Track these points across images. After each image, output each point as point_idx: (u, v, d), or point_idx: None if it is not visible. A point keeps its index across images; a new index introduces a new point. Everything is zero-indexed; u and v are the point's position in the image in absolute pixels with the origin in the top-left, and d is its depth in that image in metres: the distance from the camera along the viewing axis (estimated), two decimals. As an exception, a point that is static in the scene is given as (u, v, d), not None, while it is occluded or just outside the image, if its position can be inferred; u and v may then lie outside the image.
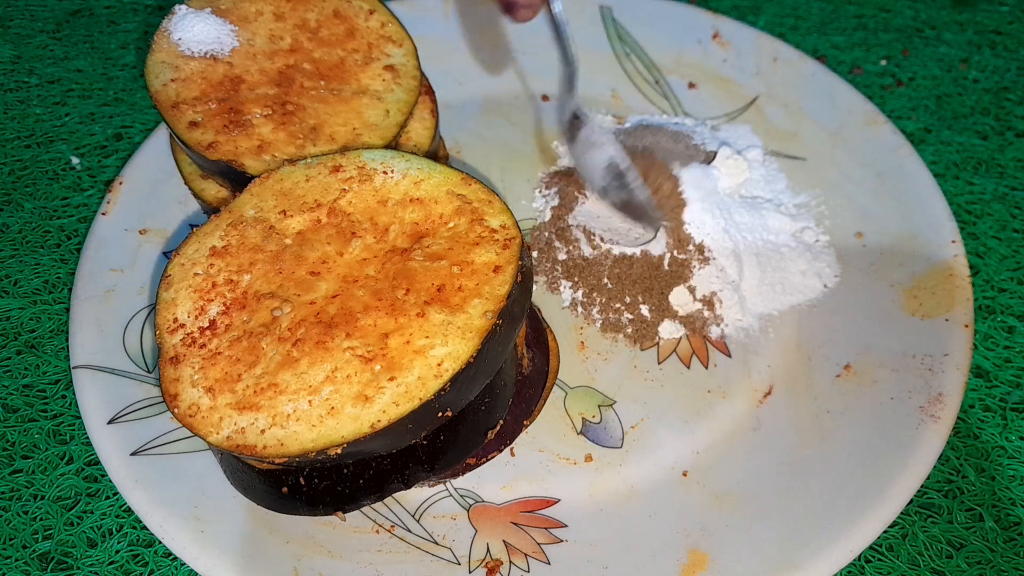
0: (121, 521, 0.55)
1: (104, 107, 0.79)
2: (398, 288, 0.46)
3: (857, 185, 0.69)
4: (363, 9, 0.62)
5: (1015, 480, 0.56)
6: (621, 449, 0.57)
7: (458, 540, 0.53)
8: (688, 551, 0.52)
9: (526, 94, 0.79)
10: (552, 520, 0.54)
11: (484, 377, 0.47)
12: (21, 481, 0.56)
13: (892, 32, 0.86)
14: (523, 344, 0.56)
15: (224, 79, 0.57)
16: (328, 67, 0.59)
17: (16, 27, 0.86)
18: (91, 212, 0.71)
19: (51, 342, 0.63)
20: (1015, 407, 0.60)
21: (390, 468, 0.48)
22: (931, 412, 0.55)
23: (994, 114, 0.78)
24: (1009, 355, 0.62)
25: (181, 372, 0.46)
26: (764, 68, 0.78)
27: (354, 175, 0.52)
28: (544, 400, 0.57)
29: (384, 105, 0.58)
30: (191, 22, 0.58)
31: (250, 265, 0.49)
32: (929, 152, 0.75)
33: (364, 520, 0.53)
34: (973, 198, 0.72)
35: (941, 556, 0.53)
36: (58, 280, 0.67)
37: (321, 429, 0.43)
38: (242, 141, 0.55)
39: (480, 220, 0.49)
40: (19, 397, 0.60)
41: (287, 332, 0.46)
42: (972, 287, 0.61)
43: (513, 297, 0.46)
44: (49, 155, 0.75)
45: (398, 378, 0.43)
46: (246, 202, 0.52)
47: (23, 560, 0.53)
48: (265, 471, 0.48)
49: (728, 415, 0.59)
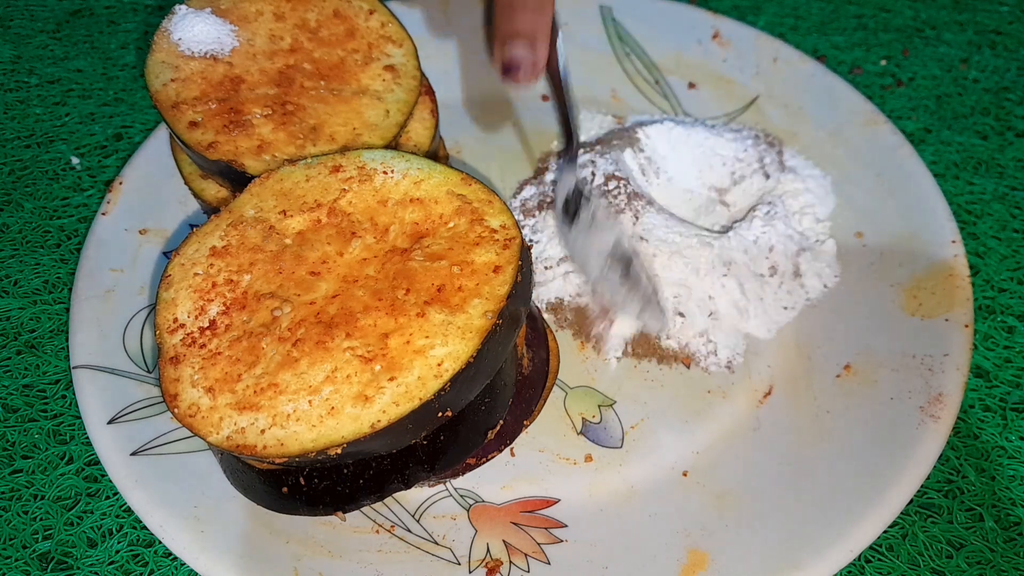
0: (121, 521, 0.55)
1: (104, 107, 0.79)
2: (398, 288, 0.46)
3: (857, 185, 0.69)
4: (363, 9, 0.62)
5: (1015, 480, 0.56)
6: (621, 449, 0.57)
7: (458, 540, 0.53)
8: (688, 551, 0.52)
9: (526, 94, 0.79)
10: (552, 520, 0.54)
11: (484, 377, 0.47)
12: (21, 481, 0.56)
13: (892, 32, 0.86)
14: (523, 344, 0.56)
15: (224, 79, 0.57)
16: (328, 67, 0.59)
17: (16, 27, 0.86)
18: (91, 212, 0.71)
19: (51, 342, 0.63)
20: (1015, 407, 0.60)
21: (390, 468, 0.48)
22: (931, 412, 0.55)
23: (994, 114, 0.78)
24: (1009, 355, 0.62)
25: (181, 372, 0.46)
26: (764, 68, 0.78)
27: (354, 175, 0.52)
28: (544, 400, 0.57)
29: (384, 105, 0.58)
30: (191, 22, 0.58)
31: (250, 265, 0.49)
32: (929, 152, 0.75)
33: (364, 520, 0.53)
34: (973, 198, 0.72)
35: (941, 556, 0.53)
36: (58, 280, 0.67)
37: (321, 429, 0.43)
38: (242, 141, 0.55)
39: (480, 220, 0.49)
40: (19, 397, 0.60)
41: (287, 332, 0.46)
42: (972, 287, 0.61)
43: (513, 297, 0.46)
44: (49, 155, 0.75)
45: (398, 378, 0.43)
46: (246, 202, 0.52)
47: (23, 560, 0.53)
48: (265, 471, 0.48)
49: (728, 415, 0.59)
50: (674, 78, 0.79)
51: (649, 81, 0.79)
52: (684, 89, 0.78)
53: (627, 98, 0.78)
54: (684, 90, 0.78)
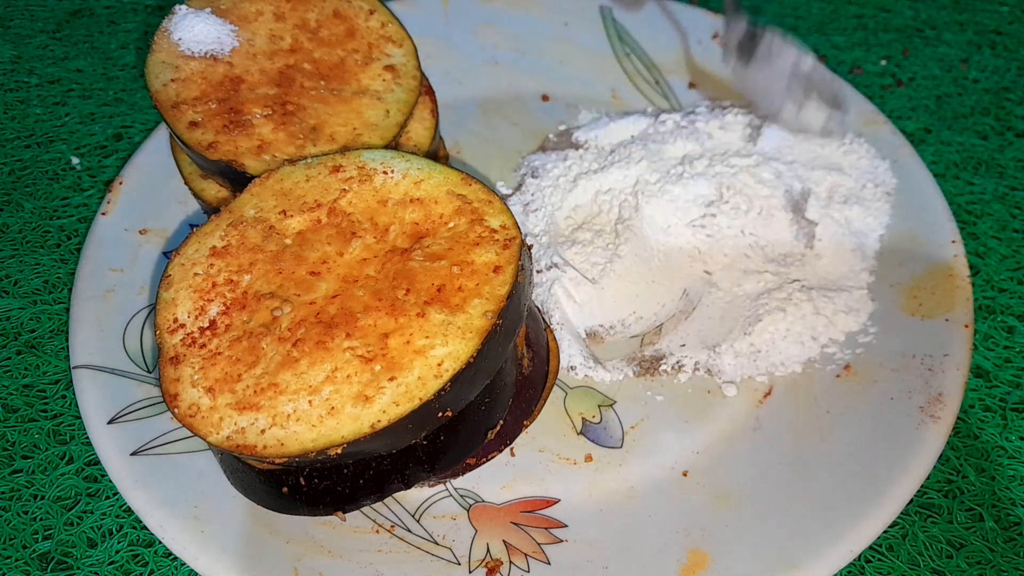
0: (121, 521, 0.55)
1: (104, 107, 0.79)
2: (398, 288, 0.46)
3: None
4: (363, 9, 0.62)
5: (1015, 480, 0.56)
6: (621, 449, 0.57)
7: (458, 540, 0.53)
8: (688, 551, 0.52)
9: (526, 94, 0.79)
10: (552, 520, 0.54)
11: (484, 377, 0.47)
12: (21, 481, 0.56)
13: (892, 32, 0.86)
14: (523, 344, 0.56)
15: (224, 79, 0.57)
16: (328, 67, 0.59)
17: (16, 27, 0.86)
18: (91, 212, 0.71)
19: (51, 342, 0.63)
20: (1015, 407, 0.60)
21: (390, 468, 0.48)
22: (931, 412, 0.55)
23: (994, 114, 0.78)
24: (1009, 355, 0.62)
25: (181, 372, 0.46)
26: (764, 68, 0.78)
27: (354, 175, 0.52)
28: (544, 400, 0.57)
29: (384, 105, 0.58)
30: (191, 22, 0.58)
31: (250, 265, 0.49)
32: (929, 152, 0.75)
33: (364, 520, 0.53)
34: (973, 198, 0.72)
35: (941, 556, 0.53)
36: (58, 280, 0.67)
37: (321, 429, 0.43)
38: (242, 141, 0.55)
39: (480, 220, 0.49)
40: (19, 397, 0.60)
41: (287, 332, 0.46)
42: (972, 287, 0.61)
43: (513, 297, 0.46)
44: (49, 155, 0.75)
45: (398, 378, 0.44)
46: (246, 202, 0.52)
47: (23, 560, 0.53)
48: (265, 471, 0.48)
49: (728, 415, 0.59)
50: (674, 78, 0.79)
51: (649, 81, 0.79)
52: (684, 89, 0.78)
53: (627, 98, 0.78)
54: (684, 90, 0.78)
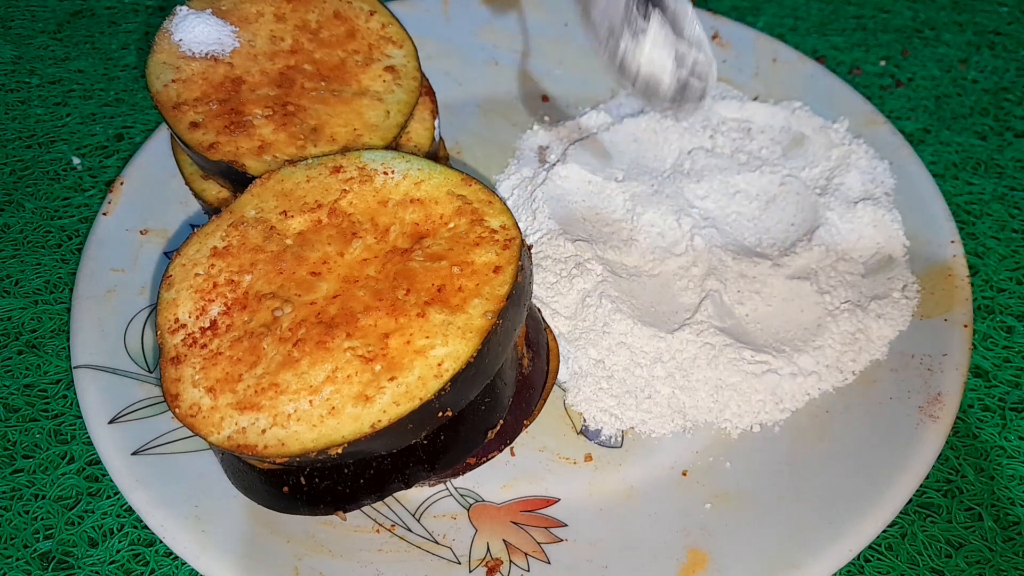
0: (122, 521, 0.55)
1: (105, 107, 0.79)
2: (398, 288, 0.47)
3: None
4: (363, 10, 0.63)
5: (1014, 480, 0.56)
6: (621, 449, 0.57)
7: (458, 539, 0.53)
8: (688, 551, 0.52)
9: (526, 94, 0.79)
10: (552, 520, 0.54)
11: (484, 377, 0.47)
12: (22, 481, 0.56)
13: (891, 32, 0.86)
14: (523, 344, 0.56)
15: (225, 80, 0.57)
16: (329, 68, 0.59)
17: (17, 28, 0.86)
18: (92, 212, 0.71)
19: (52, 342, 0.63)
20: (1014, 407, 0.60)
21: (390, 468, 0.48)
22: (930, 412, 0.55)
23: (993, 114, 0.79)
24: (1008, 355, 0.63)
25: (182, 372, 0.46)
26: (764, 69, 0.78)
27: (355, 176, 0.52)
28: (544, 400, 0.57)
29: (385, 106, 0.58)
30: (192, 23, 0.59)
31: (251, 265, 0.49)
32: (928, 152, 0.75)
33: (364, 520, 0.53)
34: (972, 198, 0.72)
35: (940, 555, 0.53)
36: (59, 280, 0.67)
37: (322, 429, 0.43)
38: (243, 142, 0.55)
39: (480, 220, 0.49)
40: (20, 397, 0.61)
41: (288, 332, 0.46)
42: (971, 287, 0.61)
43: (513, 297, 0.46)
44: (50, 155, 0.75)
45: (398, 378, 0.44)
46: (247, 203, 0.52)
47: (24, 559, 0.53)
48: (266, 471, 0.48)
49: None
50: (674, 78, 0.79)
51: (649, 81, 0.79)
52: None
53: (627, 98, 0.78)
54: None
